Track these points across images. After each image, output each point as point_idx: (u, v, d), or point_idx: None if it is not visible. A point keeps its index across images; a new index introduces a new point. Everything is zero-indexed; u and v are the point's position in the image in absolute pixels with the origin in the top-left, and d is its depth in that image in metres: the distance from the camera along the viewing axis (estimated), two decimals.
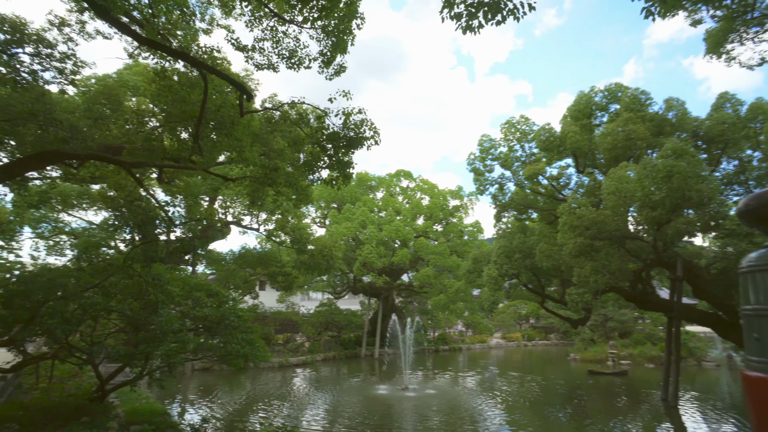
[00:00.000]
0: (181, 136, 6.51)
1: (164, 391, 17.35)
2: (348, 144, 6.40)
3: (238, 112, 6.56)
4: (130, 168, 7.20)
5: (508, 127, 20.16)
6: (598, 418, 13.58)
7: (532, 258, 17.57)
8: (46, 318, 5.60)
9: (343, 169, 6.85)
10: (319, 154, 6.48)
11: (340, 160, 6.59)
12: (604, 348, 29.87)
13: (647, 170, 11.23)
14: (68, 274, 6.25)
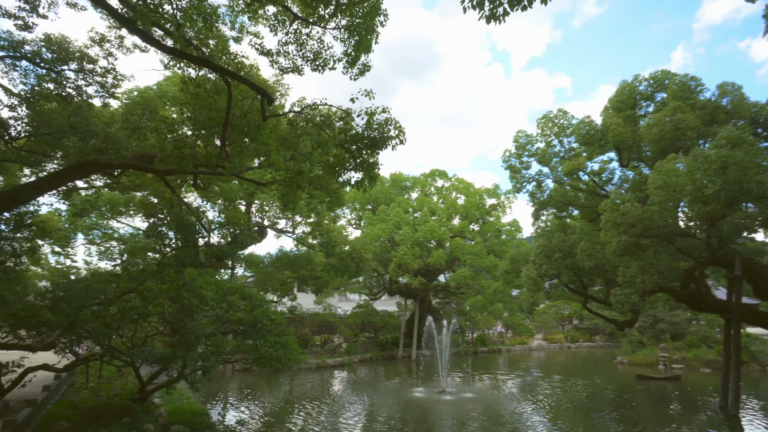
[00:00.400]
0: (210, 142, 6.60)
1: (206, 391, 17.95)
2: (372, 144, 6.26)
3: (287, 116, 6.57)
4: (163, 176, 7.42)
5: (545, 121, 19.42)
6: (650, 427, 12.71)
7: (573, 257, 16.79)
8: (85, 322, 5.85)
9: (369, 171, 6.72)
10: (344, 156, 6.39)
11: (365, 161, 6.46)
12: (654, 351, 28.25)
13: (699, 162, 10.41)
14: (107, 280, 6.49)
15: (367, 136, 6.21)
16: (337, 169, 6.50)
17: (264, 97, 5.83)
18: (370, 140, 6.21)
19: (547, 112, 19.49)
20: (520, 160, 19.06)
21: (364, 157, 6.39)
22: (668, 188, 11.19)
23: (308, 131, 6.70)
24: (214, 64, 5.86)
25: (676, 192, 11.03)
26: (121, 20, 5.79)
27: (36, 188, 6.05)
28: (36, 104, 8.93)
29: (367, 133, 6.23)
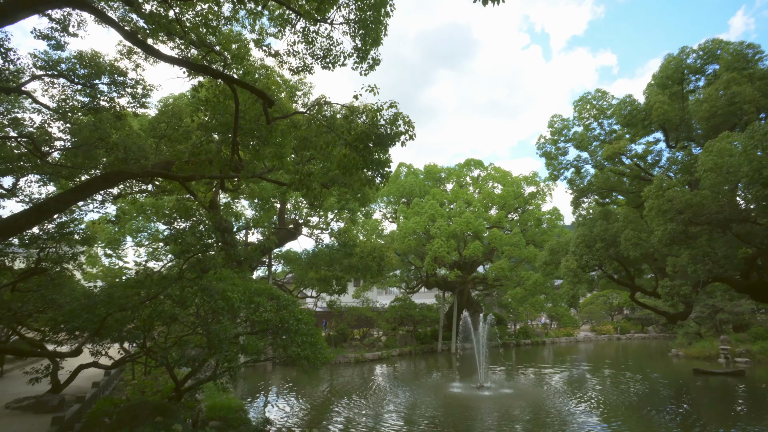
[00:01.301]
0: (224, 147, 6.65)
1: (249, 385, 18.52)
2: (379, 142, 6.04)
3: (282, 120, 6.52)
4: (184, 182, 7.59)
5: (582, 104, 18.36)
6: (714, 428, 11.68)
7: (616, 247, 15.81)
8: (111, 328, 6.11)
9: (379, 169, 6.50)
10: (353, 156, 6.21)
11: (374, 160, 6.25)
12: (713, 343, 26.33)
13: (756, 138, 9.37)
14: (132, 286, 6.73)
15: (374, 134, 5.99)
16: (347, 169, 6.34)
17: (264, 101, 5.75)
18: (377, 137, 5.99)
19: (584, 93, 18.42)
20: (556, 146, 18.16)
21: (374, 156, 6.18)
22: (720, 170, 10.20)
23: (317, 131, 6.57)
24: (213, 70, 5.86)
25: (729, 174, 10.03)
26: (123, 33, 5.88)
27: (63, 200, 6.35)
28: (72, 119, 9.37)
29: (373, 130, 6.01)
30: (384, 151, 6.37)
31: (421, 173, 36.67)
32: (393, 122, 6.14)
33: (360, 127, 6.05)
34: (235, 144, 6.10)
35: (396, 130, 6.14)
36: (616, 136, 17.97)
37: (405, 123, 6.15)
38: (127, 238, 23.20)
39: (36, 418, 10.27)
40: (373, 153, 6.15)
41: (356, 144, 5.99)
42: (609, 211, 18.20)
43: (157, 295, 6.61)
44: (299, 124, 6.13)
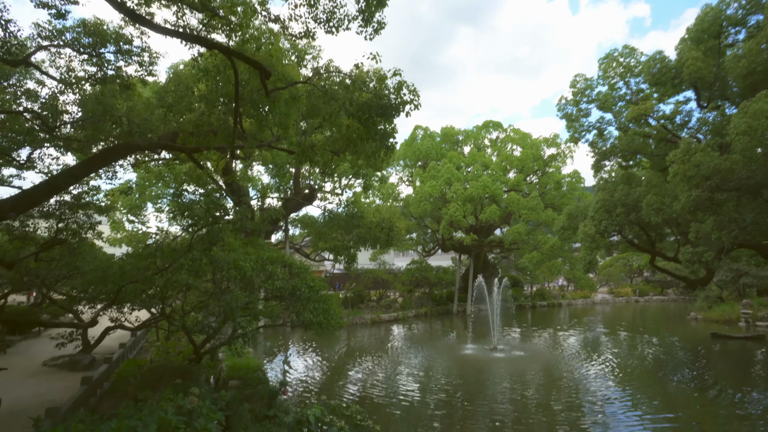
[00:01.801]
0: (227, 118, 6.51)
1: (271, 344, 19.28)
2: (382, 113, 5.78)
3: (286, 90, 6.31)
4: (191, 153, 7.54)
5: (608, 62, 17.31)
6: (729, 391, 11.58)
7: (638, 212, 15.36)
8: (126, 298, 6.36)
9: (383, 141, 6.28)
10: (357, 126, 6.00)
11: (378, 131, 6.02)
12: (734, 307, 25.93)
13: None
14: (147, 256, 6.89)
15: (376, 104, 5.73)
16: (353, 140, 6.14)
17: (261, 72, 5.53)
18: (379, 108, 5.73)
19: (611, 50, 17.29)
20: (578, 108, 17.35)
21: (378, 127, 5.95)
22: (755, 133, 9.56)
23: (322, 101, 6.33)
24: (206, 40, 5.62)
25: (764, 137, 9.42)
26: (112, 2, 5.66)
27: (73, 174, 6.41)
28: (80, 90, 9.31)
29: (376, 101, 5.74)
30: (389, 122, 6.13)
31: (437, 136, 35.88)
32: (397, 91, 5.86)
33: (362, 98, 5.81)
34: (236, 115, 5.97)
35: (401, 100, 5.86)
36: (642, 96, 17.01)
37: (410, 92, 5.86)
38: (148, 205, 23.74)
39: (69, 375, 10.99)
40: (377, 124, 5.93)
41: (359, 115, 5.78)
42: (632, 174, 17.56)
43: (168, 266, 6.77)
44: (299, 95, 5.92)
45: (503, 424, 9.19)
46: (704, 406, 10.44)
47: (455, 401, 10.78)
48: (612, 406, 10.36)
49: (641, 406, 10.39)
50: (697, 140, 14.73)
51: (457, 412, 10.02)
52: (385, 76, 5.95)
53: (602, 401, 10.77)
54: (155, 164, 16.02)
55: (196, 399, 6.30)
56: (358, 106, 5.80)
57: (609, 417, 9.64)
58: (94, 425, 5.24)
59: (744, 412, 9.96)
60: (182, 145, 7.01)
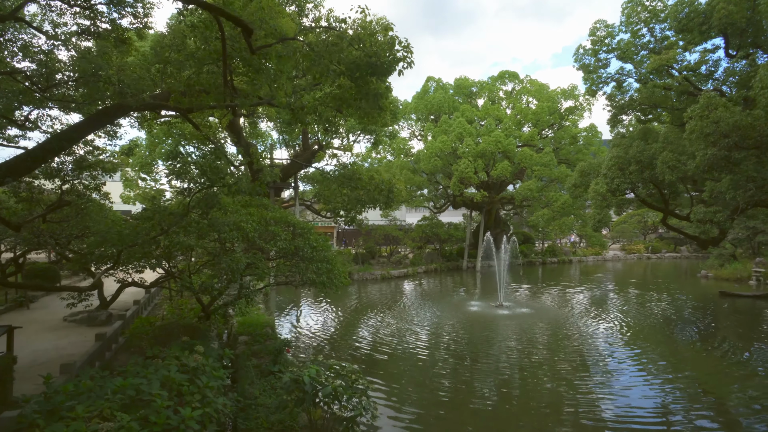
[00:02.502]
0: (217, 77, 6.26)
1: (282, 299, 19.85)
2: (372, 72, 5.46)
3: (275, 47, 5.99)
4: (185, 113, 7.38)
5: (632, 6, 16.11)
6: (733, 349, 11.66)
7: (652, 169, 14.84)
8: (128, 260, 6.52)
9: (375, 101, 5.97)
10: (349, 85, 5.70)
11: (370, 90, 5.71)
12: (747, 265, 25.62)
13: None
14: (145, 220, 6.94)
15: (365, 62, 5.39)
16: (345, 100, 5.87)
17: (243, 29, 5.20)
18: (369, 66, 5.40)
19: None
20: (596, 58, 16.39)
21: (370, 87, 5.64)
22: None
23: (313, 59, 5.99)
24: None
25: None
26: None
27: (66, 138, 6.35)
28: (74, 46, 9.05)
29: (365, 59, 5.39)
30: (382, 81, 5.81)
31: (451, 88, 34.67)
32: (390, 48, 5.49)
33: (351, 56, 5.48)
34: (225, 73, 5.74)
35: (393, 57, 5.50)
36: (667, 45, 15.93)
37: (403, 48, 5.47)
38: (159, 162, 23.85)
39: (88, 330, 11.56)
40: (368, 83, 5.63)
41: (350, 73, 5.48)
42: (649, 130, 16.83)
43: (168, 229, 6.84)
44: (289, 53, 5.59)
45: (502, 383, 9.45)
46: (710, 365, 10.56)
47: (455, 359, 11.07)
48: (614, 364, 10.52)
49: (646, 364, 10.55)
50: (720, 93, 13.90)
51: (455, 369, 10.31)
52: (375, 31, 5.57)
53: (604, 360, 10.93)
54: (159, 122, 15.90)
55: (200, 357, 6.57)
56: (347, 65, 5.49)
57: (611, 376, 9.82)
58: (103, 381, 5.52)
59: (747, 372, 10.04)
60: (175, 105, 6.85)
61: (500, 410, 8.05)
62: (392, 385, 9.22)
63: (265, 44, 5.57)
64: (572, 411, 7.90)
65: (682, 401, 8.45)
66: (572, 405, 8.13)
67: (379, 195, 11.40)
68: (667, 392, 8.87)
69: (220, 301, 9.57)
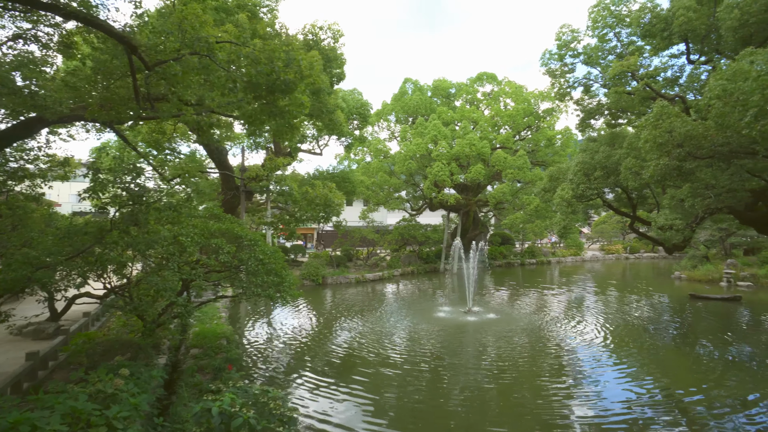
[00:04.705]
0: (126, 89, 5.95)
1: (251, 307, 19.37)
2: (271, 90, 5.15)
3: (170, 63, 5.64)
4: (111, 124, 7.07)
5: (598, 10, 16.07)
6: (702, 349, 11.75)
7: (617, 175, 14.84)
8: (38, 283, 6.22)
9: (284, 120, 5.66)
10: (255, 103, 5.44)
11: (278, 107, 5.40)
12: (718, 267, 25.96)
13: None
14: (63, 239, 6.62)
15: (265, 81, 5.05)
16: (254, 117, 5.61)
17: (126, 47, 4.90)
18: (268, 85, 5.07)
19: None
20: (562, 62, 16.33)
21: (278, 104, 5.35)
22: (730, 98, 8.89)
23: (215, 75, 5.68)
24: (62, 9, 4.95)
25: (739, 102, 8.75)
26: None
27: None
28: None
29: (263, 77, 5.05)
30: (292, 99, 5.52)
31: (429, 89, 34.53)
32: (288, 66, 5.16)
33: (249, 73, 5.19)
34: (135, 87, 5.45)
35: (294, 76, 5.22)
36: (632, 49, 15.93)
37: (306, 67, 5.18)
38: None
39: (33, 345, 11.08)
40: (277, 100, 5.36)
41: (251, 92, 5.22)
42: (616, 135, 16.83)
43: (88, 247, 6.54)
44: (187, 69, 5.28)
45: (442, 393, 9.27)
46: (681, 366, 10.68)
47: (407, 368, 10.87)
48: (580, 370, 10.44)
49: (614, 368, 10.53)
50: (683, 99, 13.92)
51: (404, 379, 10.11)
52: (276, 48, 5.29)
53: (559, 372, 10.84)
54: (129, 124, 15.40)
55: (121, 381, 6.28)
56: (245, 83, 5.23)
57: (575, 382, 9.72)
58: (2, 414, 5.19)
59: (716, 375, 10.05)
60: (91, 117, 6.53)
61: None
62: (333, 396, 8.98)
63: (158, 61, 5.28)
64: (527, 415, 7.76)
65: (653, 403, 8.59)
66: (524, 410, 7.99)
67: (313, 210, 11.11)
68: (638, 394, 9.03)
69: (167, 314, 9.25)
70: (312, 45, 11.68)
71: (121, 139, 8.39)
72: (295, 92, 5.45)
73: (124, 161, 7.53)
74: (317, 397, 9.07)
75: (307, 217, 11.48)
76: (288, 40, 10.26)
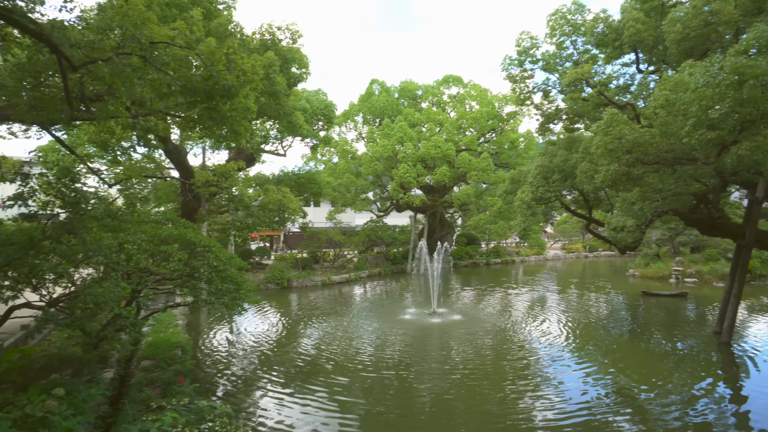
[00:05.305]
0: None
1: (212, 314, 18.75)
2: (209, 96, 4.93)
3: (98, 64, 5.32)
4: (48, 126, 6.66)
5: (556, 19, 16.52)
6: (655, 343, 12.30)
7: (574, 179, 15.31)
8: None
9: (226, 126, 5.47)
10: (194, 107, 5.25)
11: (214, 116, 5.18)
12: (668, 264, 27.32)
13: (710, 74, 8.41)
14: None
15: (202, 86, 4.85)
16: (197, 121, 5.40)
17: (47, 45, 4.61)
18: (206, 91, 4.88)
19: (560, 6, 16.44)
20: (522, 68, 16.70)
21: (219, 110, 5.13)
22: (672, 107, 9.31)
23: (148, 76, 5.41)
24: None
25: (679, 112, 9.18)
26: None
27: None
28: None
29: (200, 83, 4.85)
30: (234, 104, 5.32)
31: (396, 91, 34.61)
32: (228, 70, 5.01)
33: (185, 76, 4.98)
34: (66, 88, 5.13)
35: (235, 81, 5.03)
36: (589, 57, 16.48)
37: (245, 72, 5.01)
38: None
39: None
40: (218, 107, 5.18)
41: (189, 96, 5.01)
42: (573, 139, 17.38)
43: (15, 259, 6.11)
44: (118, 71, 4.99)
45: (405, 393, 9.29)
46: (634, 360, 11.12)
47: (372, 375, 10.83)
48: (534, 376, 10.66)
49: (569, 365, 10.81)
50: (633, 107, 14.51)
51: (369, 386, 10.06)
52: (215, 50, 5.09)
53: (523, 374, 11.07)
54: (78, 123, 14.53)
55: (54, 403, 5.90)
56: (181, 87, 5.02)
57: (529, 381, 9.92)
58: None
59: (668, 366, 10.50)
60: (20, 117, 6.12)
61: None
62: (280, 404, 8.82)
63: (88, 60, 4.98)
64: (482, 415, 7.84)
65: (611, 402, 8.92)
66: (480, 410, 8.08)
67: (264, 216, 10.85)
68: (598, 393, 9.37)
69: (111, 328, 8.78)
70: (269, 45, 11.44)
71: (56, 140, 7.89)
72: (239, 96, 5.25)
73: (59, 164, 7.04)
74: (280, 408, 8.88)
75: (259, 223, 11.18)
76: (243, 39, 9.99)
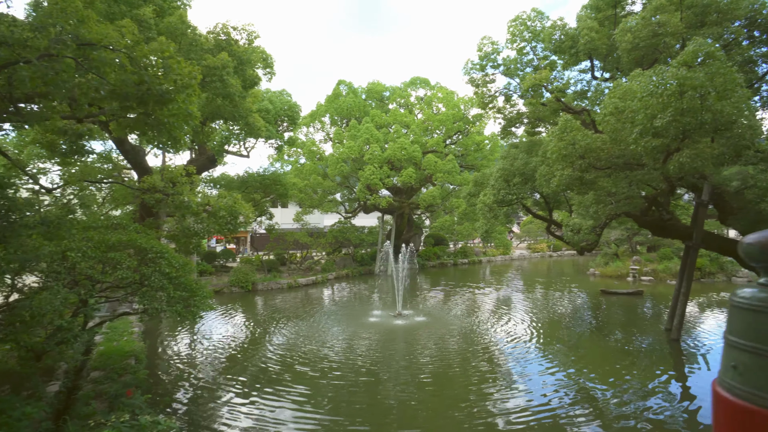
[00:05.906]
0: None
1: (173, 319, 18.15)
2: (142, 101, 4.75)
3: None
4: None
5: (516, 25, 16.91)
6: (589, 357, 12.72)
7: (534, 182, 15.72)
8: None
9: (164, 131, 5.31)
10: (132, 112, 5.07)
11: (150, 121, 5.02)
12: (626, 263, 28.50)
13: (654, 84, 8.82)
14: None
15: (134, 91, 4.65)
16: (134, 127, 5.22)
17: None
18: (138, 96, 4.69)
19: (520, 12, 16.93)
20: (484, 72, 17.01)
21: (156, 115, 4.97)
22: (621, 115, 9.72)
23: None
24: None
25: (628, 119, 9.59)
26: None
27: None
28: None
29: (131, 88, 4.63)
30: (173, 110, 5.17)
31: (363, 92, 34.56)
32: (165, 73, 4.85)
33: (114, 79, 4.78)
34: None
35: (171, 87, 4.89)
36: (548, 63, 16.98)
37: (182, 75, 4.87)
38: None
39: None
40: (156, 112, 5.01)
41: (122, 101, 4.83)
42: (534, 142, 17.84)
43: None
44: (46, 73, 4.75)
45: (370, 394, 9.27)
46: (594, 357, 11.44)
47: (336, 382, 10.74)
48: (501, 378, 10.83)
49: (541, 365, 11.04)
50: (588, 113, 15.06)
51: (335, 392, 9.97)
52: (147, 53, 4.92)
53: (490, 376, 11.23)
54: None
55: None
56: (110, 92, 4.83)
57: (491, 381, 10.07)
58: None
59: (626, 363, 10.89)
60: None
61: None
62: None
63: (10, 61, 4.71)
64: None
65: (573, 401, 9.13)
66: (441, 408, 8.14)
67: (213, 223, 10.57)
68: (565, 392, 9.57)
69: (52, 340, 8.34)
70: (224, 46, 11.18)
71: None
72: (178, 101, 5.07)
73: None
74: (237, 419, 8.65)
75: (209, 230, 10.85)
76: (196, 39, 9.71)
